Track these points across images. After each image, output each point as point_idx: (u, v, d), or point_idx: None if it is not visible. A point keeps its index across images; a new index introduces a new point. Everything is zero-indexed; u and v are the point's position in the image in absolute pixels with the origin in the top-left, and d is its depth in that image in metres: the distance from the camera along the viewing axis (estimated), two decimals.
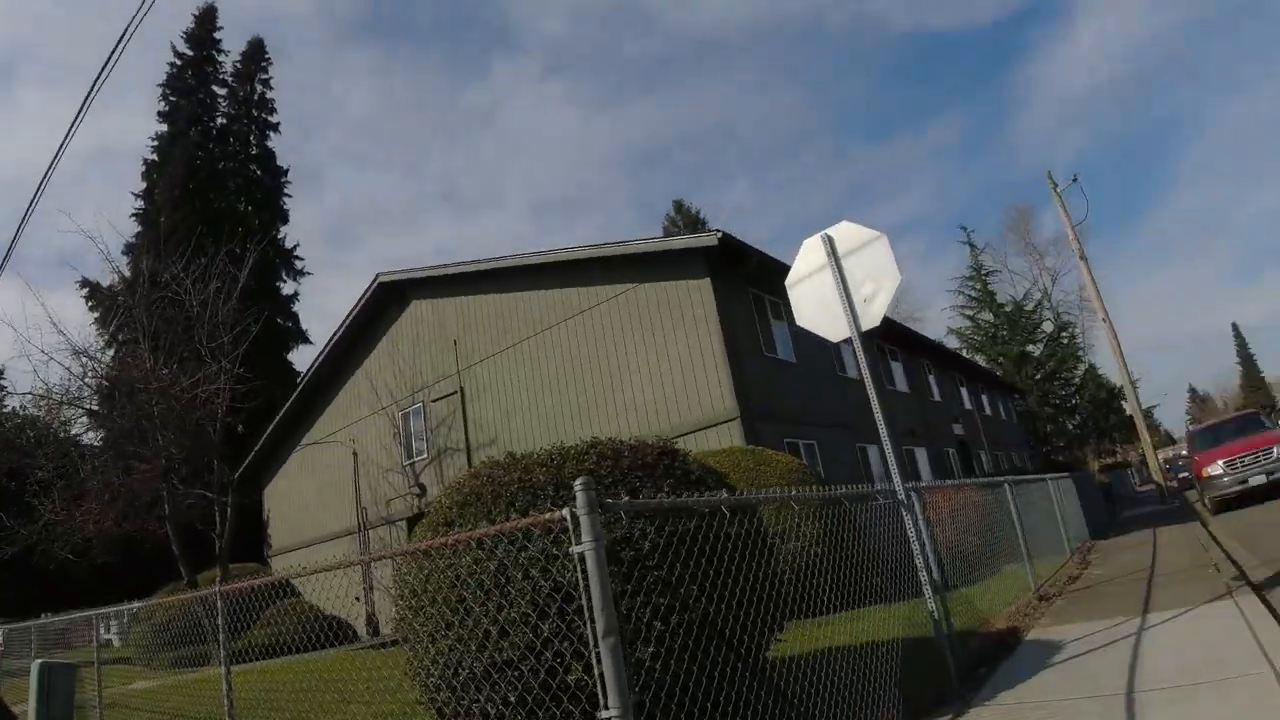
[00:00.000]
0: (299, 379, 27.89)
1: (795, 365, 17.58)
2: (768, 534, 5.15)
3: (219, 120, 43.47)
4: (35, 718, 7.47)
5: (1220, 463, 15.93)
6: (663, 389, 15.80)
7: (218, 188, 40.63)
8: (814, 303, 6.66)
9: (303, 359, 39.47)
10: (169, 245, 26.13)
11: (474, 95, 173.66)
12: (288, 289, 43.27)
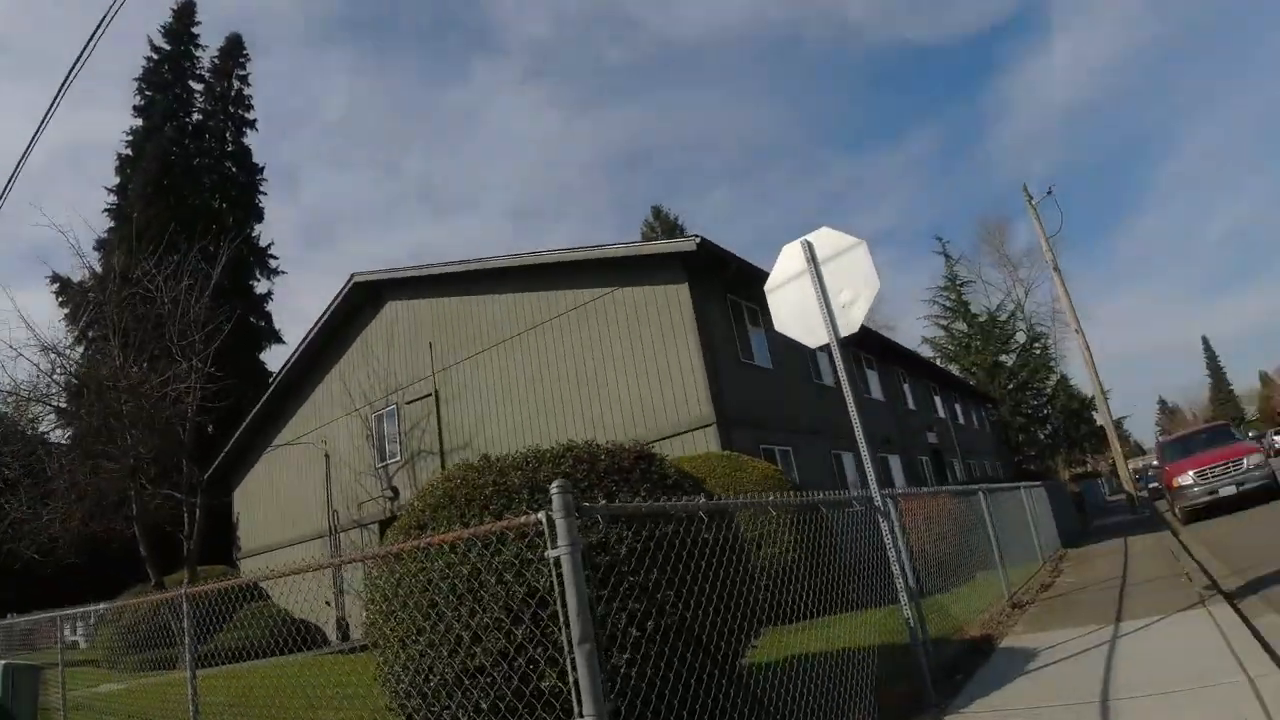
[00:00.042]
0: (271, 379, 27.58)
1: (772, 371, 17.60)
2: (744, 540, 5.11)
3: (195, 116, 43.02)
4: None
5: (1191, 473, 16.11)
6: (639, 394, 15.75)
7: (192, 184, 40.14)
8: (792, 308, 6.64)
9: (275, 359, 39.10)
10: (141, 241, 25.65)
11: (454, 96, 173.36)
12: (261, 288, 42.86)
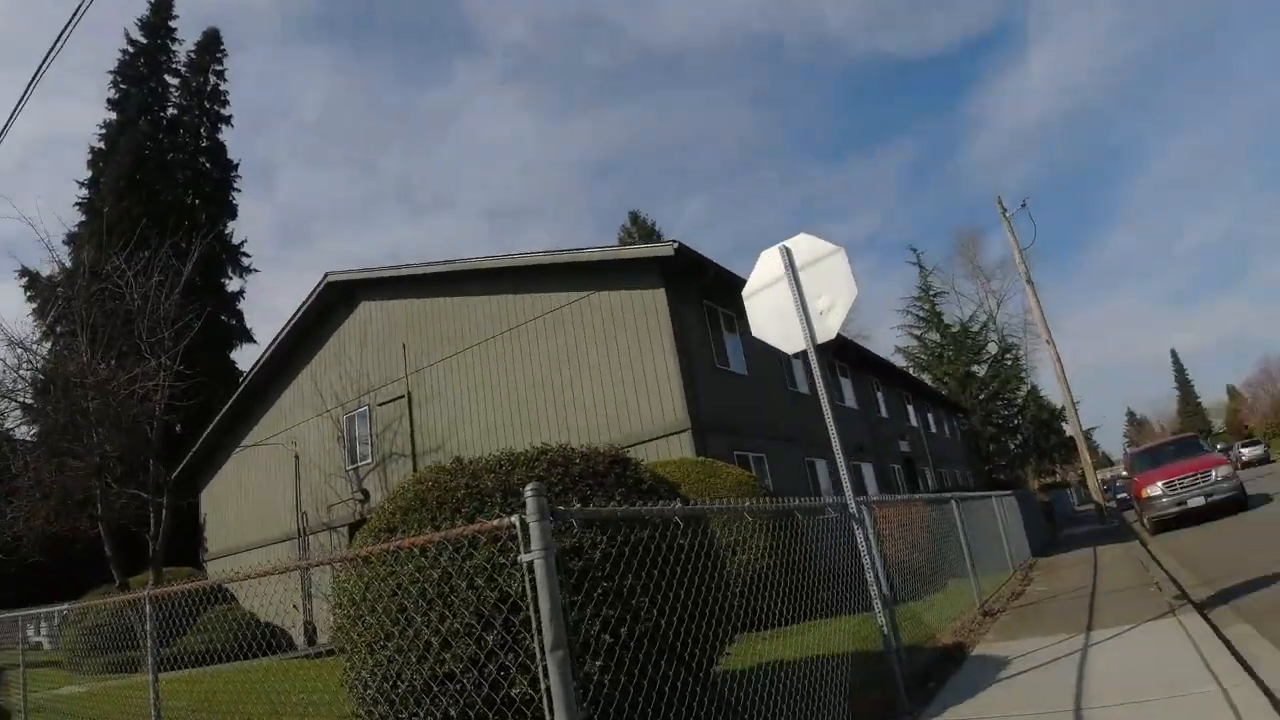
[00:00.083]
0: (241, 378, 27.21)
1: (747, 378, 17.60)
2: (718, 546, 5.07)
3: (170, 110, 42.41)
4: None
5: (1160, 484, 16.26)
6: (615, 398, 15.69)
7: (165, 179, 39.56)
8: (770, 314, 6.63)
9: (246, 358, 38.52)
10: (112, 236, 25.25)
11: (433, 96, 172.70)
12: (233, 286, 42.29)
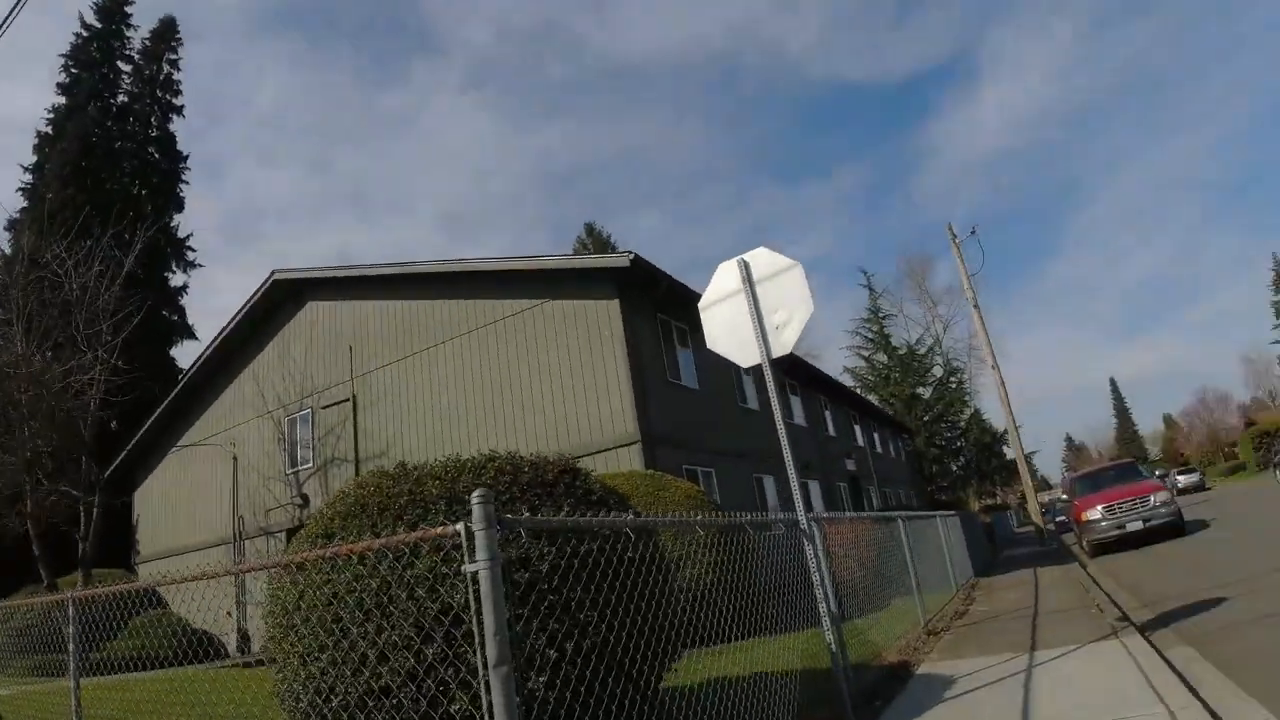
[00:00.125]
0: (181, 375, 26.45)
1: (698, 392, 17.56)
2: (667, 559, 4.98)
3: (120, 98, 41.17)
4: None
5: (1099, 508, 16.58)
6: (565, 408, 15.53)
7: (112, 167, 38.35)
8: (726, 326, 6.60)
9: (186, 355, 37.41)
10: (54, 223, 24.50)
11: (392, 98, 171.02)
12: (177, 280, 41.05)
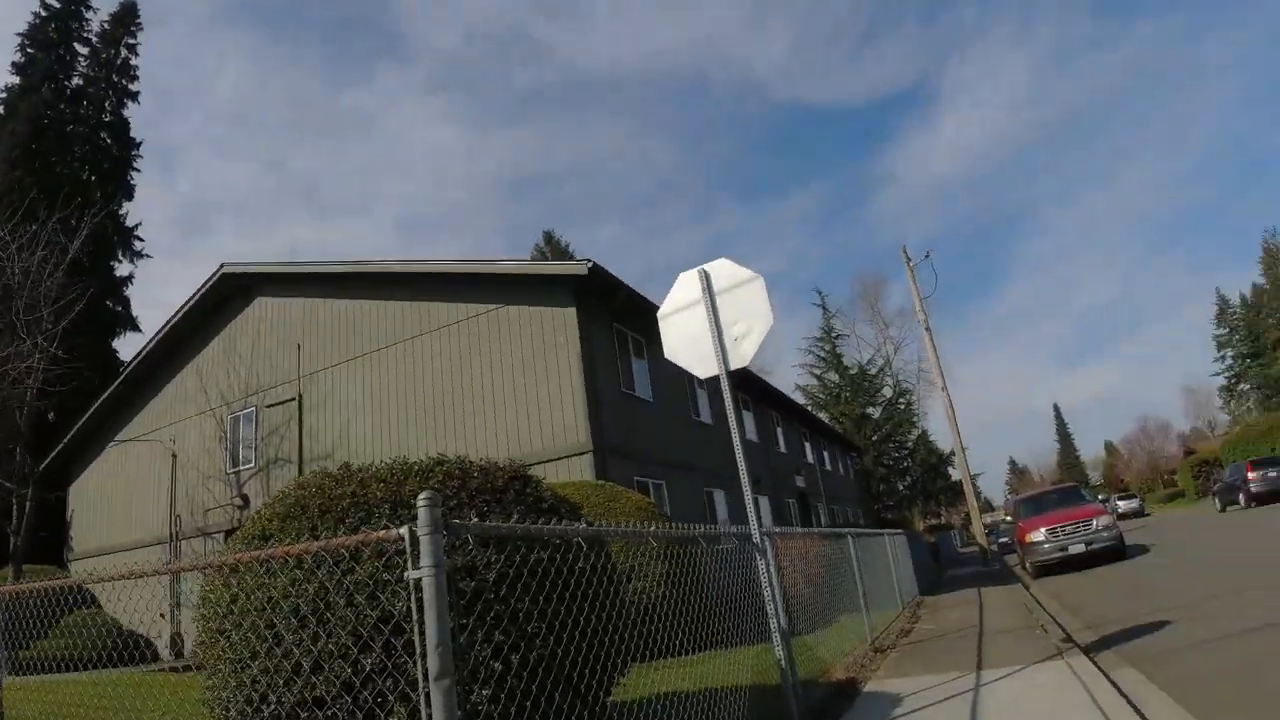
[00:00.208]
0: (123, 368, 25.69)
1: (652, 404, 17.49)
2: (617, 571, 4.88)
3: (75, 80, 40.03)
4: None
5: (1043, 530, 16.78)
6: (518, 415, 15.34)
7: (63, 151, 37.20)
8: (684, 336, 6.53)
9: (129, 348, 36.29)
10: (0, 205, 23.64)
11: (353, 97, 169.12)
12: (123, 270, 39.83)
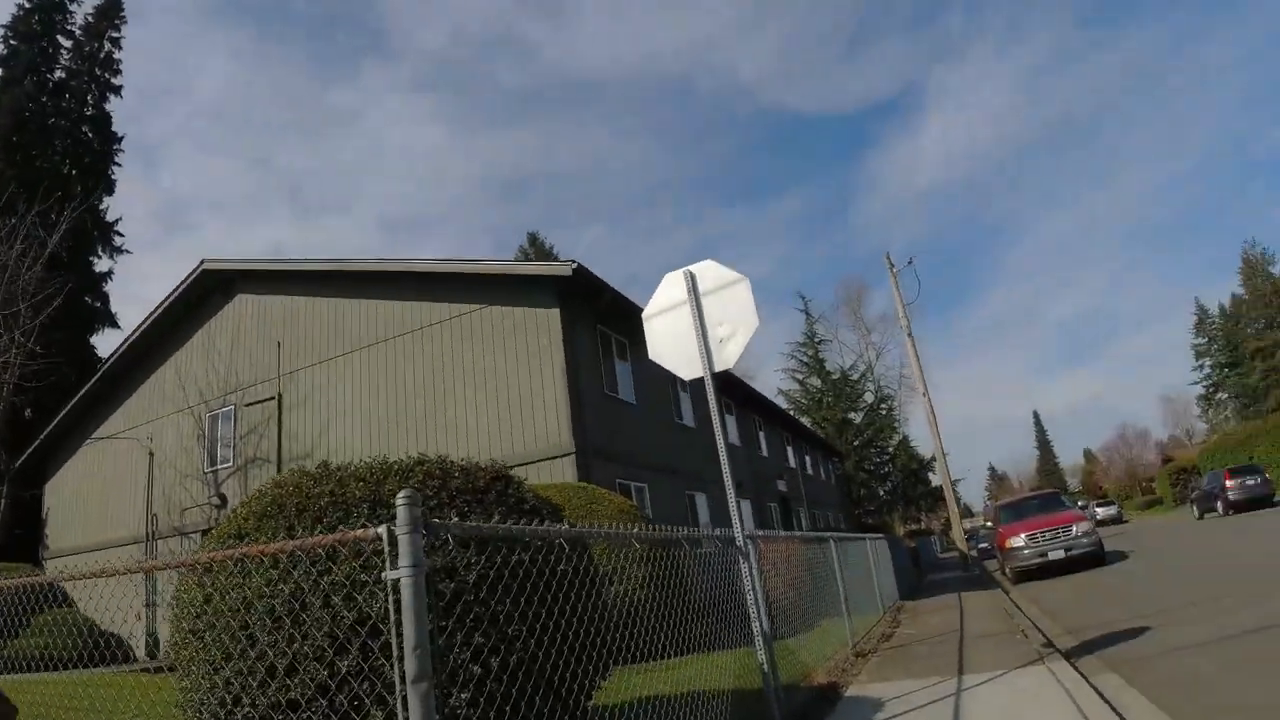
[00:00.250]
0: (101, 364, 25.38)
1: (635, 407, 17.43)
2: (599, 573, 4.83)
3: (58, 73, 39.60)
4: None
5: (1023, 536, 16.85)
6: (499, 417, 15.25)
7: (44, 144, 36.77)
8: (669, 338, 6.49)
9: (107, 344, 35.89)
10: None
11: (338, 95, 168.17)
12: (102, 265, 39.37)
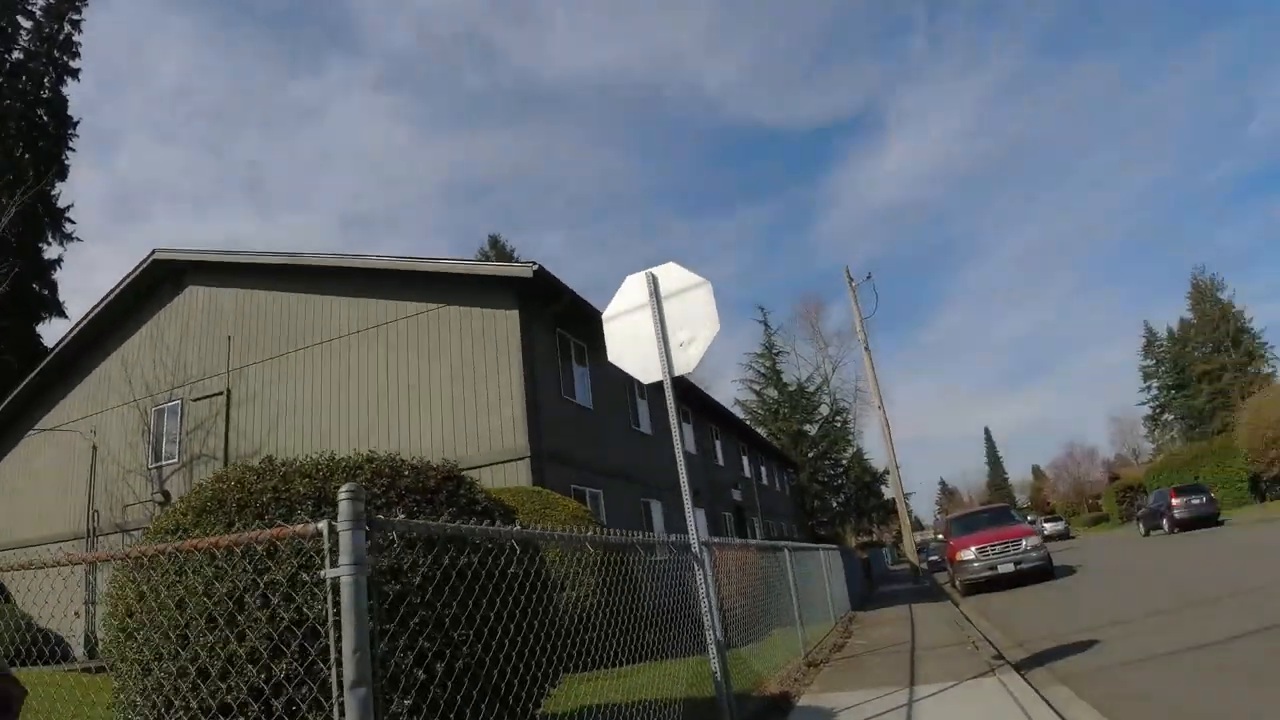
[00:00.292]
0: (47, 353, 24.64)
1: (592, 412, 17.33)
2: (551, 578, 4.73)
3: (16, 54, 38.49)
4: None
5: (973, 549, 17.01)
6: (454, 418, 15.05)
7: None
8: (629, 340, 6.39)
9: (54, 334, 34.95)
10: None
11: (301, 89, 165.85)
12: (51, 253, 38.26)
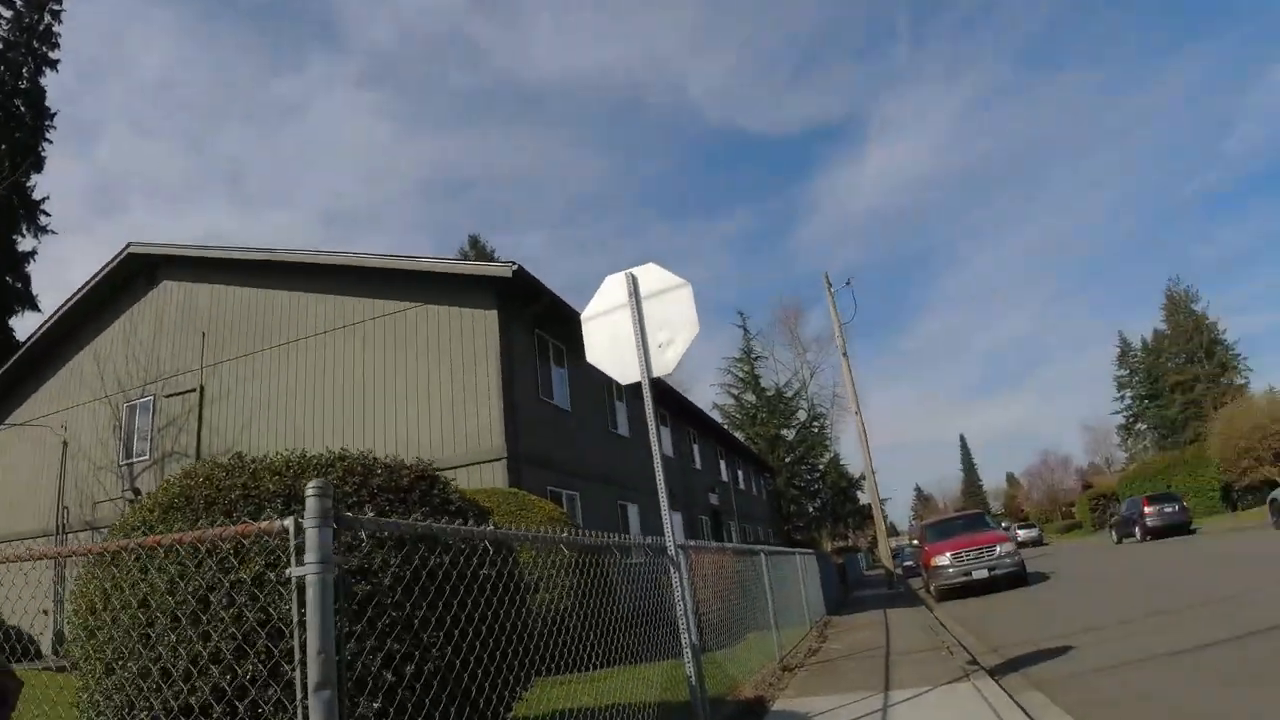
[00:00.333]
0: (18, 347, 24.23)
1: (569, 414, 17.28)
2: (524, 580, 4.68)
3: None
4: None
5: (948, 554, 17.09)
6: (430, 418, 14.94)
7: None
8: (608, 341, 6.36)
9: (25, 327, 34.41)
10: None
11: (284, 84, 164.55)
12: (26, 245, 37.66)
